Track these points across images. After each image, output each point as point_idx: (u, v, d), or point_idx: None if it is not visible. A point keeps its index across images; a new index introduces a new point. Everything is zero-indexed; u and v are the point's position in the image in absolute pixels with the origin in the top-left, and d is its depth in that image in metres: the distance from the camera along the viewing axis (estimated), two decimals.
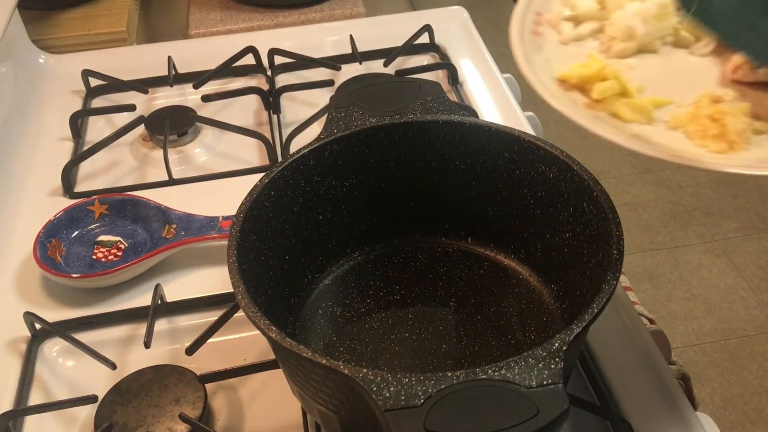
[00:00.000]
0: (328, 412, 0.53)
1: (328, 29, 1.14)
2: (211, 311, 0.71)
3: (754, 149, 0.57)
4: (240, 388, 0.65)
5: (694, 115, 0.59)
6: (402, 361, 0.62)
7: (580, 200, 0.60)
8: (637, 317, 0.69)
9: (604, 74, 0.61)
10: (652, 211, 2.17)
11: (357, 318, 0.65)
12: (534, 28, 0.66)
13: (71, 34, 1.14)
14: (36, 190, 0.86)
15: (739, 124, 0.57)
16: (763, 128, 0.58)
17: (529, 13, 0.67)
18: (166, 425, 0.59)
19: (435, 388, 0.44)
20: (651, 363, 0.64)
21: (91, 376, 0.66)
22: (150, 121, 0.91)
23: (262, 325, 0.51)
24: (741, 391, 1.71)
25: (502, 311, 0.65)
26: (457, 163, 0.67)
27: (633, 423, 0.59)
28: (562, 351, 0.46)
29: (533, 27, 0.66)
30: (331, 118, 0.67)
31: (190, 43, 1.15)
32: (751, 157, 0.56)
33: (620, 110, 0.59)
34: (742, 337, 1.82)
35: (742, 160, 0.55)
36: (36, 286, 0.74)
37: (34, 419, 0.63)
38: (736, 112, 0.58)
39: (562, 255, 0.63)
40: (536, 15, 0.67)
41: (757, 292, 1.92)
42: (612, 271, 0.52)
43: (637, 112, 0.59)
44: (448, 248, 0.70)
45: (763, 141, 0.57)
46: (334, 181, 0.66)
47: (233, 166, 0.88)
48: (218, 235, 0.74)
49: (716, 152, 0.56)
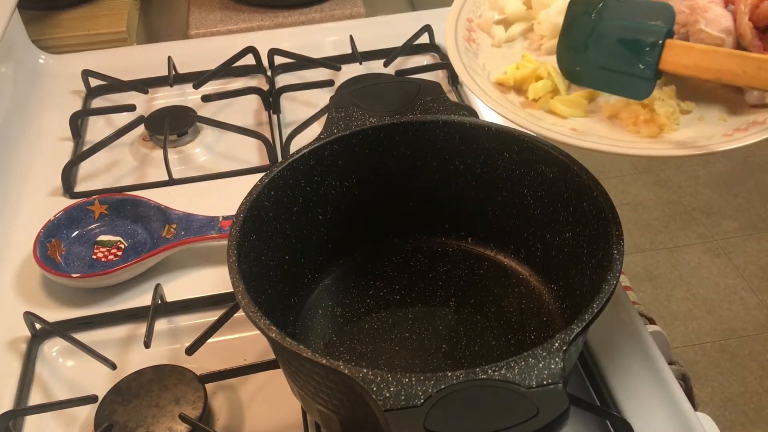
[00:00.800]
0: (328, 412, 0.53)
1: (328, 29, 1.14)
2: (211, 311, 0.71)
3: (682, 130, 0.59)
4: (240, 388, 0.65)
5: (627, 102, 0.61)
6: (402, 361, 0.62)
7: (580, 200, 0.60)
8: (637, 317, 0.68)
9: (538, 74, 0.64)
10: (652, 211, 2.17)
11: (357, 318, 0.65)
12: (467, 35, 0.68)
13: (71, 34, 1.14)
14: (36, 190, 0.86)
15: (666, 107, 0.60)
16: (689, 107, 0.61)
17: (461, 20, 0.69)
18: (166, 425, 0.59)
19: (435, 388, 0.44)
20: (651, 363, 0.64)
21: (91, 376, 0.66)
22: (150, 121, 0.91)
23: (262, 325, 0.51)
24: (741, 391, 1.71)
25: (502, 311, 0.65)
26: (457, 163, 0.67)
27: (633, 423, 0.59)
28: (562, 351, 0.46)
29: (467, 34, 0.68)
30: (331, 118, 0.67)
31: (190, 43, 1.15)
32: (681, 137, 0.58)
33: (556, 107, 0.62)
34: (742, 337, 1.82)
35: (671, 143, 0.58)
36: (36, 286, 0.74)
37: (34, 419, 0.63)
38: (663, 95, 0.61)
39: (562, 255, 0.63)
40: (467, 21, 0.69)
41: (757, 292, 1.92)
42: (612, 271, 0.52)
43: (573, 107, 0.62)
44: (448, 248, 0.70)
45: (690, 120, 0.61)
46: (334, 181, 0.66)
47: (233, 166, 0.88)
48: (218, 235, 0.74)
49: (648, 137, 0.59)
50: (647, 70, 0.57)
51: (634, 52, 0.58)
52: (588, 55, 0.60)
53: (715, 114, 0.60)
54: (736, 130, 0.57)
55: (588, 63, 0.60)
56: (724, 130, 0.58)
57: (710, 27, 0.60)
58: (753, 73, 0.53)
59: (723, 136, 0.57)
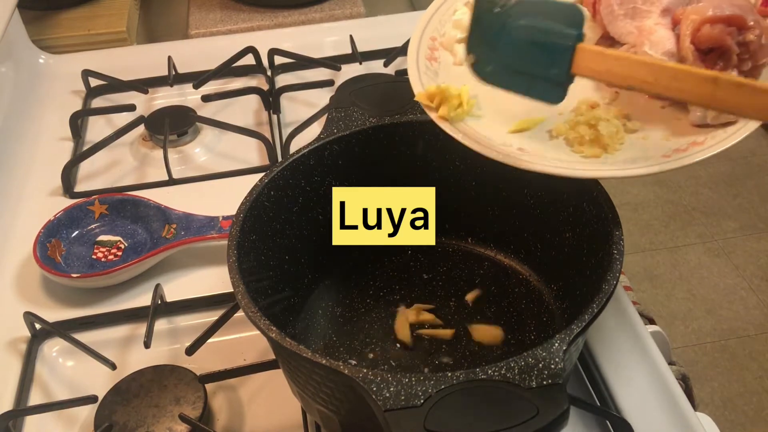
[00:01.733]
0: (328, 413, 0.53)
1: (328, 29, 1.14)
2: (211, 311, 0.71)
3: (626, 150, 0.59)
4: (240, 388, 0.65)
5: (574, 122, 0.61)
6: (402, 361, 0.62)
7: (580, 200, 0.60)
8: (637, 317, 0.69)
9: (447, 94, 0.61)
10: (652, 211, 2.17)
11: (357, 318, 0.65)
12: (430, 53, 0.68)
13: (71, 34, 1.14)
14: (36, 190, 0.86)
15: (611, 128, 0.60)
16: (635, 126, 0.61)
17: (424, 39, 0.69)
18: (166, 425, 0.59)
19: (435, 388, 0.44)
20: (651, 363, 0.64)
21: (91, 376, 0.66)
22: (150, 121, 0.91)
23: (262, 325, 0.51)
24: (741, 391, 1.71)
25: (502, 311, 0.65)
26: (457, 163, 0.67)
27: (633, 423, 0.59)
28: (562, 351, 0.46)
29: (429, 53, 0.68)
30: (331, 118, 0.68)
31: (190, 43, 1.15)
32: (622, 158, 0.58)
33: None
34: (742, 337, 1.82)
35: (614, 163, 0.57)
36: (36, 286, 0.74)
37: (34, 419, 0.63)
38: (609, 115, 0.61)
39: (562, 255, 0.63)
40: (431, 40, 0.69)
41: (757, 292, 1.92)
42: (612, 271, 0.52)
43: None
44: (448, 248, 0.70)
45: (636, 140, 0.60)
46: (334, 181, 0.66)
47: (233, 166, 0.88)
48: (218, 235, 0.74)
49: (591, 156, 0.59)
50: (559, 74, 0.55)
51: (545, 56, 0.55)
52: (497, 55, 0.57)
53: (659, 134, 0.60)
54: (675, 151, 0.56)
55: (498, 63, 0.58)
56: (664, 151, 0.57)
57: (654, 49, 0.60)
58: (665, 83, 0.51)
59: (662, 157, 0.56)
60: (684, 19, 0.59)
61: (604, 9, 0.65)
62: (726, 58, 0.58)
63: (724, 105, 0.49)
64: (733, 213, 2.15)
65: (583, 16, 0.55)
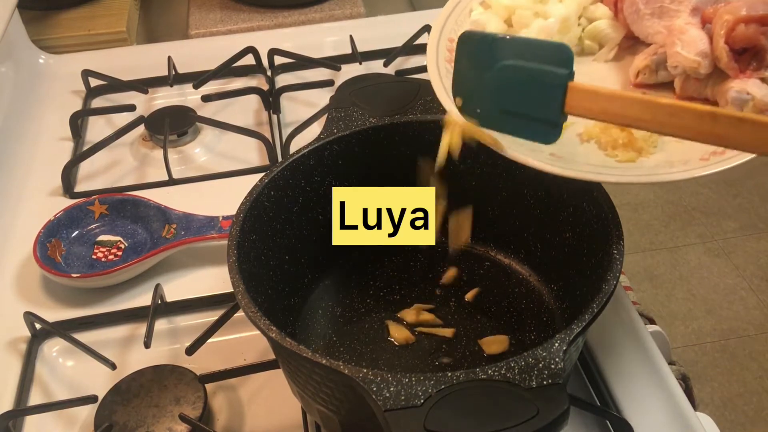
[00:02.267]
0: (328, 412, 0.53)
1: (328, 29, 1.14)
2: (211, 311, 0.71)
3: (659, 153, 0.58)
4: (240, 388, 0.65)
5: (605, 125, 0.60)
6: (402, 361, 0.62)
7: (580, 200, 0.60)
8: (637, 317, 0.69)
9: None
10: (652, 211, 2.17)
11: (357, 318, 0.65)
12: (449, 56, 0.67)
13: (71, 34, 1.14)
14: (36, 190, 0.86)
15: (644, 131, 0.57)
16: None
17: (443, 40, 0.68)
18: (166, 425, 0.59)
19: (435, 388, 0.44)
20: (651, 363, 0.64)
21: (91, 376, 0.66)
22: (150, 121, 0.91)
23: (262, 325, 0.51)
24: (741, 391, 1.71)
25: (502, 311, 0.65)
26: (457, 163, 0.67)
27: (633, 423, 0.59)
28: (562, 351, 0.46)
29: (448, 55, 0.67)
30: (331, 118, 0.68)
31: (190, 43, 1.15)
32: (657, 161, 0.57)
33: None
34: (742, 337, 1.82)
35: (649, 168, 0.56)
36: (36, 286, 0.74)
37: (34, 419, 0.63)
38: None
39: (562, 255, 0.63)
40: (449, 42, 0.68)
41: (757, 292, 1.92)
42: (612, 271, 0.52)
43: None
44: (449, 248, 0.70)
45: (666, 143, 0.59)
46: (334, 181, 0.66)
47: (233, 166, 0.88)
48: (218, 235, 0.74)
49: (626, 161, 0.58)
50: (551, 115, 0.53)
51: (535, 97, 0.53)
52: (485, 97, 0.56)
53: None
54: (713, 153, 0.55)
55: (487, 105, 0.56)
56: (701, 154, 0.55)
57: (686, 50, 0.59)
58: (663, 120, 0.48)
59: (700, 161, 0.55)
60: (717, 18, 0.58)
61: (628, 8, 0.63)
62: (759, 58, 0.57)
63: (725, 141, 0.46)
64: (733, 213, 2.15)
65: (572, 54, 0.52)
